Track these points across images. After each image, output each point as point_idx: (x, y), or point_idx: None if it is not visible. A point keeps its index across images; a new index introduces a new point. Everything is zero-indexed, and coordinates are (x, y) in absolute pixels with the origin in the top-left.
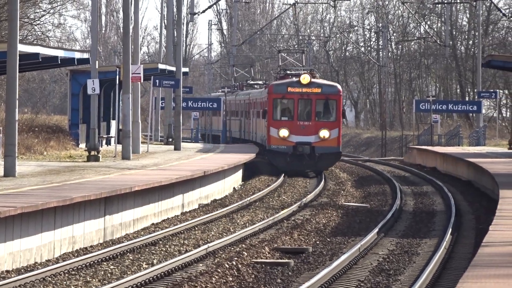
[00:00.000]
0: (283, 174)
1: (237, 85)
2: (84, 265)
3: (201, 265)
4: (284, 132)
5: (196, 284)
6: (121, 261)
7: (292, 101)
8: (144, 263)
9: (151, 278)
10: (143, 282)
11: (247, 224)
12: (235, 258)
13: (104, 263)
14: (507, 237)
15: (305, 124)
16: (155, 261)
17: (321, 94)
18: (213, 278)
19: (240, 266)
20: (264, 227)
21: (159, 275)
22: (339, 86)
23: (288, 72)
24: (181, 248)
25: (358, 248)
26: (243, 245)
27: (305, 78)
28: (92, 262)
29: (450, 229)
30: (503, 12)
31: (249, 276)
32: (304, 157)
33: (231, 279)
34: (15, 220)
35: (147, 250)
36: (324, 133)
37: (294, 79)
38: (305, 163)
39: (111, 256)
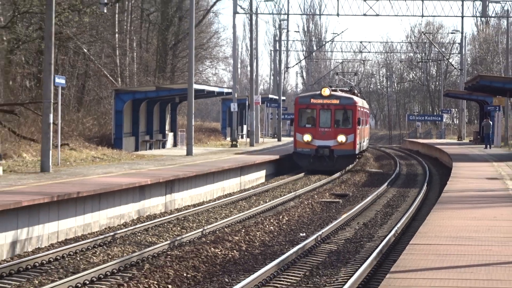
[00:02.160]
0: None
1: None
2: (229, 202)
3: (292, 202)
4: (307, 137)
5: (290, 212)
6: (249, 200)
7: (315, 111)
8: (261, 201)
9: (265, 209)
10: (261, 211)
11: (316, 181)
12: (310, 199)
13: (240, 201)
14: (458, 188)
15: (326, 130)
16: (267, 200)
17: (339, 105)
18: (298, 209)
19: (313, 203)
20: (326, 182)
21: (269, 207)
22: (355, 98)
23: (334, 88)
24: (281, 193)
25: (376, 193)
26: (314, 191)
27: (325, 91)
28: (233, 201)
29: (426, 184)
30: (455, 67)
31: (318, 208)
32: (325, 158)
33: (308, 210)
34: (191, 179)
35: (263, 194)
36: (341, 138)
37: (317, 92)
38: (325, 164)
39: (243, 197)
